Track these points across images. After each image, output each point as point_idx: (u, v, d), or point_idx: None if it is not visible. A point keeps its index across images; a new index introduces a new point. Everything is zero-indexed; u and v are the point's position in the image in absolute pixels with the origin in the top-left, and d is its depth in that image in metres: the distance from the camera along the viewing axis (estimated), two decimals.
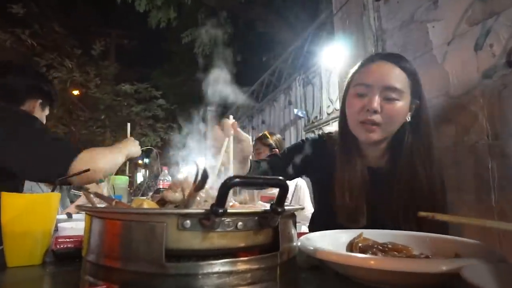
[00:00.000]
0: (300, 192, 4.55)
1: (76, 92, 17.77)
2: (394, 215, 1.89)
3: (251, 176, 1.90)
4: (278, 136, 4.84)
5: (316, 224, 2.35)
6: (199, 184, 0.91)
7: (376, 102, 1.83)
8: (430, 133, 1.96)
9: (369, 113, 1.85)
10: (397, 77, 1.86)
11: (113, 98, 18.18)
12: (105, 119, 18.33)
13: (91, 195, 1.14)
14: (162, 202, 1.14)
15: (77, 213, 3.00)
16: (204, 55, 12.04)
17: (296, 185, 4.55)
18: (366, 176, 2.01)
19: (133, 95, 18.57)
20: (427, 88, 2.93)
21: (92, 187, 2.80)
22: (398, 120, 1.89)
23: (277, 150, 4.45)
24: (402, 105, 1.86)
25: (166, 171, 4.03)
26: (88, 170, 1.76)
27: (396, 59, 1.92)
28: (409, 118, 1.94)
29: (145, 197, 2.23)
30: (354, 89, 1.96)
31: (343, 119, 2.06)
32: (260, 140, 4.74)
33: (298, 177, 2.41)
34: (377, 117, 1.85)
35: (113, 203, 1.11)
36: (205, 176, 0.89)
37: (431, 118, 2.00)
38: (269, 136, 4.69)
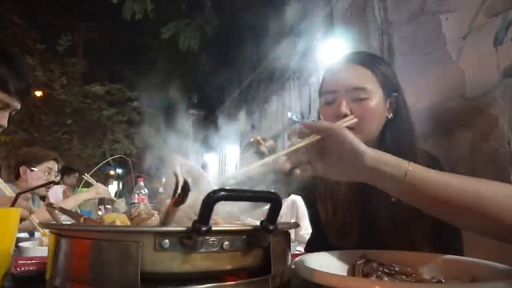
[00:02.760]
0: (299, 210, 4.49)
1: (38, 93, 17.64)
2: (391, 230, 1.93)
3: (238, 189, 1.89)
4: (272, 142, 4.73)
5: (313, 249, 2.33)
6: (179, 198, 0.91)
7: (344, 106, 1.90)
8: (411, 130, 2.04)
9: (340, 119, 1.88)
10: (361, 76, 1.94)
11: (81, 100, 18.07)
12: (72, 124, 18.21)
13: (56, 211, 1.13)
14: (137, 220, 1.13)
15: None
16: (191, 52, 12.05)
17: (292, 201, 4.50)
18: (355, 186, 2.04)
19: (104, 97, 18.46)
20: (440, 88, 2.95)
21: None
22: (373, 120, 1.95)
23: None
24: (374, 104, 1.92)
25: (142, 183, 4.02)
26: (54, 182, 1.75)
27: (360, 58, 2.02)
28: (390, 114, 2.01)
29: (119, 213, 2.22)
30: (323, 98, 2.05)
31: None
32: (251, 147, 4.65)
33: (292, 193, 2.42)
34: (353, 122, 1.87)
35: (81, 219, 1.10)
36: (186, 189, 0.88)
37: (411, 114, 2.07)
38: (262, 143, 4.59)
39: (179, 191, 0.91)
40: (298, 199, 4.55)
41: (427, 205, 1.34)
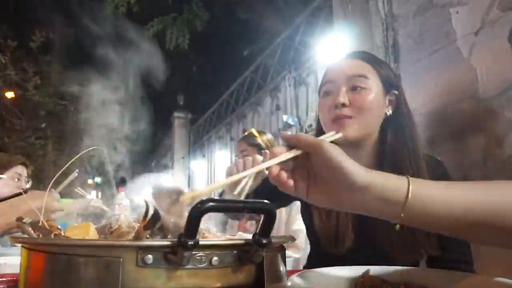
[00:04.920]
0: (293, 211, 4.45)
1: (10, 95, 17.65)
2: (389, 239, 1.98)
3: (228, 199, 1.93)
4: (269, 136, 4.62)
5: (313, 264, 2.38)
6: (149, 224, 0.90)
7: (342, 95, 2.03)
8: (414, 131, 2.14)
9: (338, 108, 2.03)
10: (360, 66, 2.09)
11: (56, 102, 18.06)
12: (46, 128, 18.20)
13: (26, 225, 1.12)
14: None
15: (12, 245, 2.96)
16: (178, 50, 12.06)
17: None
18: None
19: (81, 99, 18.46)
20: (449, 89, 2.94)
21: None
22: (371, 111, 2.06)
23: (267, 152, 4.29)
24: (372, 95, 2.05)
25: (123, 193, 4.01)
26: (21, 193, 1.74)
27: (361, 54, 2.20)
28: (390, 111, 2.14)
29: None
30: (322, 90, 2.19)
31: (319, 128, 2.28)
32: (246, 140, 4.54)
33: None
34: (346, 111, 2.02)
35: (52, 235, 1.08)
36: (156, 218, 0.88)
37: (412, 113, 2.18)
38: (257, 135, 4.51)
39: (148, 217, 0.89)
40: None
41: (438, 227, 1.22)
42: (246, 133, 4.65)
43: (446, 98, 3.07)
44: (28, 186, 4.32)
